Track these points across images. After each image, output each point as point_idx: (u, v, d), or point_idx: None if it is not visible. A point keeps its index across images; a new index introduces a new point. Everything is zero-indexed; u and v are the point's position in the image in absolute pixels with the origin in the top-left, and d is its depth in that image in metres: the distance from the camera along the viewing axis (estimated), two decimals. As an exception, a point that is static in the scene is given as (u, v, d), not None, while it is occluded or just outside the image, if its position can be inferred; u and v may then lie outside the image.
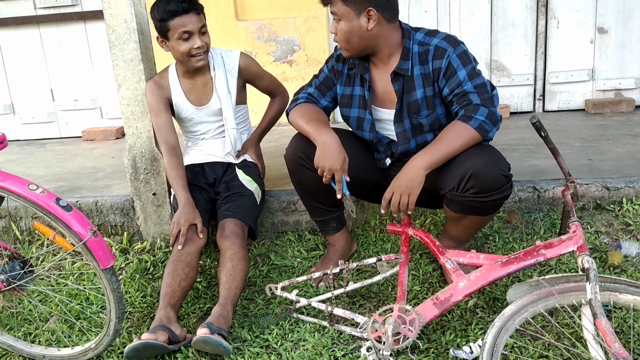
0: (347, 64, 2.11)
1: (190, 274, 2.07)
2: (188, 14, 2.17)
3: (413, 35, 2.01)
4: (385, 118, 2.07)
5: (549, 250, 1.79)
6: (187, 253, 2.09)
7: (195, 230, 2.15)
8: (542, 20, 3.85)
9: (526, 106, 4.04)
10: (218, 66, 2.35)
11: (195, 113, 2.38)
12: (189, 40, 2.19)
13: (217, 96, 2.36)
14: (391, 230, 2.25)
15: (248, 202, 2.30)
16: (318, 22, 4.00)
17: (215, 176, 2.41)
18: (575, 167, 2.60)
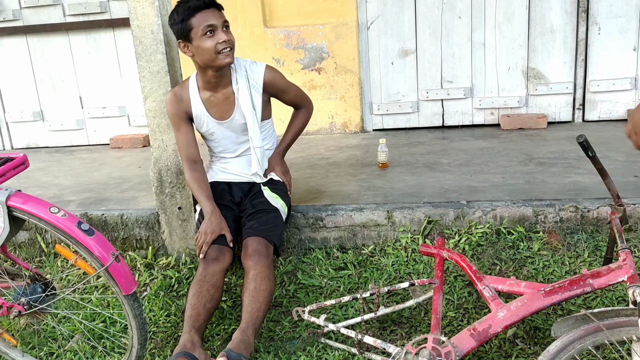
0: None
1: (215, 295, 2.00)
2: (209, 9, 2.09)
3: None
4: None
5: (597, 280, 1.66)
6: (212, 273, 2.03)
7: (220, 249, 2.08)
8: (583, 27, 3.69)
9: (565, 116, 3.88)
10: (242, 80, 2.23)
11: (216, 127, 2.30)
12: (214, 35, 2.08)
13: (240, 111, 2.26)
14: (424, 252, 2.14)
15: (273, 219, 2.23)
16: (347, 29, 3.91)
17: (242, 194, 2.35)
18: (621, 184, 2.45)
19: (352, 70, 3.98)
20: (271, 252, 2.13)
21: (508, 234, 2.35)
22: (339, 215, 2.49)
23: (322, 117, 4.08)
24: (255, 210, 2.24)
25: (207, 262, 2.05)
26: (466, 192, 2.58)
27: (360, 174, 3.02)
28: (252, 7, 3.89)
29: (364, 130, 4.15)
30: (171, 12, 2.15)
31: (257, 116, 2.28)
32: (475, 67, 3.91)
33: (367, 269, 2.34)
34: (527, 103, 3.91)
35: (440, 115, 4.07)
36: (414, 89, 4.04)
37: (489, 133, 3.83)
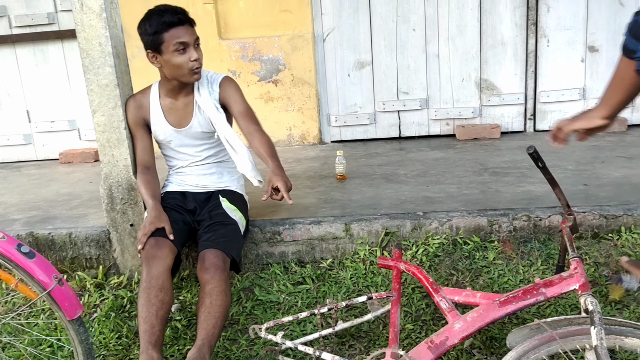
0: None
1: (165, 299, 1.92)
2: (183, 25, 2.08)
3: None
4: None
5: (549, 289, 1.68)
6: (157, 275, 1.95)
7: (158, 242, 2.01)
8: (532, 39, 3.79)
9: (517, 126, 3.97)
10: (203, 87, 2.25)
11: (174, 135, 2.26)
12: (185, 52, 2.08)
13: (198, 119, 2.24)
14: (382, 264, 2.13)
15: (231, 232, 2.18)
16: (304, 41, 3.90)
17: (196, 204, 2.29)
18: (571, 193, 2.51)
19: (309, 82, 3.98)
20: (228, 266, 2.07)
21: (464, 244, 2.37)
22: (297, 228, 2.46)
23: (280, 129, 4.06)
24: (212, 222, 2.18)
25: (149, 263, 1.96)
26: (423, 203, 2.59)
27: (318, 186, 3.00)
28: (207, 18, 3.84)
29: (322, 141, 4.14)
30: (142, 21, 2.11)
31: (224, 119, 2.24)
32: (430, 79, 3.97)
33: (325, 282, 2.31)
34: (481, 113, 3.99)
35: (397, 127, 4.10)
36: (371, 101, 4.06)
37: (444, 143, 3.88)
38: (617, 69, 1.51)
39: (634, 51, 1.41)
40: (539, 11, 3.74)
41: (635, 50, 1.40)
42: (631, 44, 1.41)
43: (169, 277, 1.99)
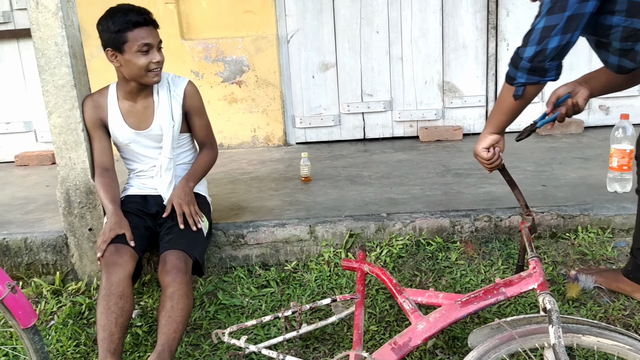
0: None
1: (125, 306, 1.88)
2: (148, 26, 2.05)
3: None
4: None
5: (509, 289, 1.71)
6: (117, 282, 1.89)
7: (118, 249, 1.96)
8: (493, 43, 3.86)
9: (479, 127, 4.04)
10: (163, 91, 2.21)
11: (133, 137, 2.21)
12: (148, 54, 2.05)
13: (157, 122, 2.20)
14: (346, 266, 2.13)
15: (194, 233, 2.14)
16: (268, 42, 3.89)
17: (158, 208, 2.25)
18: (531, 194, 2.57)
19: (273, 83, 3.96)
20: (190, 268, 2.03)
21: (427, 245, 2.39)
22: (261, 231, 2.44)
23: (244, 130, 4.02)
24: (174, 224, 2.14)
25: (109, 270, 1.91)
26: (387, 205, 2.61)
27: (283, 189, 2.99)
28: (169, 18, 3.78)
29: (287, 143, 4.13)
30: (104, 18, 2.06)
31: (175, 127, 2.22)
32: (394, 81, 4.00)
33: (290, 285, 2.30)
34: (444, 115, 4.04)
35: (362, 128, 4.12)
36: (336, 103, 4.07)
37: (408, 145, 3.92)
38: (501, 92, 1.68)
39: (514, 78, 1.58)
40: (498, 15, 3.81)
41: (515, 77, 1.57)
42: (511, 72, 1.58)
43: (130, 284, 1.94)
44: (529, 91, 1.60)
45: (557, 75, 1.56)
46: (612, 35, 1.44)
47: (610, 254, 2.24)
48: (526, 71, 1.53)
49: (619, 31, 1.42)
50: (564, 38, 1.46)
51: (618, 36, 1.44)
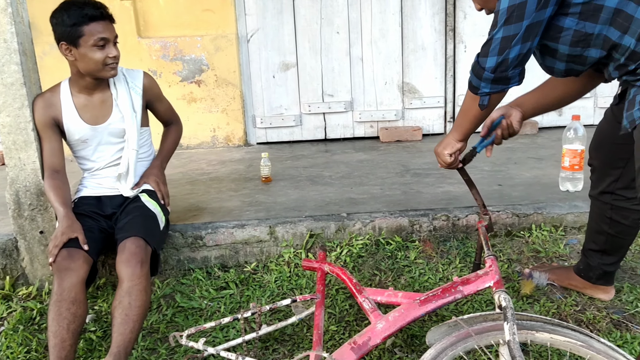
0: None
1: (78, 312, 1.81)
2: (105, 20, 2.03)
3: None
4: None
5: (466, 287, 1.74)
6: (69, 288, 1.83)
7: (71, 253, 1.90)
8: (451, 45, 3.93)
9: (438, 128, 4.09)
10: (120, 83, 2.19)
11: (90, 133, 2.16)
12: (105, 48, 2.03)
13: (118, 115, 2.17)
14: (307, 267, 2.13)
15: (152, 221, 2.10)
16: (227, 41, 3.85)
17: (114, 210, 2.19)
18: (487, 193, 2.62)
19: (233, 83, 3.92)
20: (149, 259, 1.98)
21: (387, 244, 2.41)
22: (220, 232, 2.41)
23: (203, 130, 3.97)
24: (131, 215, 2.10)
25: (61, 275, 1.85)
26: (347, 205, 2.62)
27: (243, 189, 2.96)
28: (125, 15, 3.70)
29: (247, 143, 4.10)
30: (59, 11, 2.01)
31: (137, 118, 2.20)
32: (355, 82, 4.02)
33: (249, 287, 2.28)
34: (404, 116, 4.09)
35: (323, 129, 4.12)
36: (297, 103, 4.06)
37: (369, 145, 3.94)
38: (465, 100, 1.68)
39: (478, 88, 1.56)
40: (456, 18, 3.88)
41: (479, 87, 1.56)
42: (475, 82, 1.56)
43: (83, 289, 1.88)
44: (494, 99, 1.60)
45: (520, 80, 1.56)
46: (562, 38, 1.45)
47: (562, 251, 2.31)
48: (490, 81, 1.52)
49: (570, 34, 1.44)
50: (525, 46, 1.44)
51: (568, 40, 1.45)
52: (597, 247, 1.90)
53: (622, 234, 1.82)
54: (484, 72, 1.51)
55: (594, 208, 1.88)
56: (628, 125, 1.42)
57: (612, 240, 1.85)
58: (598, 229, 1.87)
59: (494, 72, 1.49)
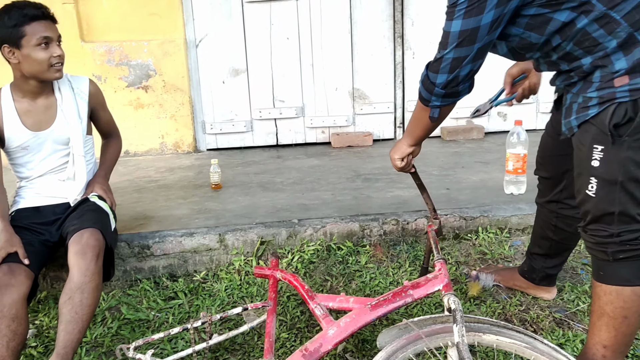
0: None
1: (19, 329, 1.73)
2: (46, 20, 1.99)
3: None
4: None
5: (416, 291, 1.76)
6: (10, 304, 1.74)
7: (12, 268, 1.81)
8: (399, 51, 3.99)
9: (388, 133, 4.14)
10: (65, 88, 2.14)
11: (32, 140, 2.08)
12: (48, 48, 1.98)
13: (62, 121, 2.10)
14: (258, 274, 2.10)
15: (106, 219, 2.05)
16: (175, 46, 3.78)
17: (57, 216, 2.10)
18: (436, 196, 2.66)
19: (182, 88, 3.86)
20: (102, 254, 1.91)
21: (338, 250, 2.41)
22: (168, 241, 2.35)
23: (151, 137, 3.88)
24: (83, 211, 2.04)
25: (1, 291, 1.76)
26: (298, 211, 2.61)
27: (192, 197, 2.91)
28: (67, 19, 3.58)
29: (197, 150, 4.03)
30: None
31: (83, 125, 2.16)
32: (306, 87, 4.02)
33: (199, 296, 2.23)
34: (355, 122, 4.12)
35: (275, 134, 4.10)
36: (247, 108, 4.03)
37: (320, 151, 3.95)
38: (416, 109, 1.68)
39: (428, 101, 1.56)
40: (404, 25, 3.94)
41: (429, 100, 1.55)
42: (425, 95, 1.56)
43: (24, 305, 1.80)
44: (444, 111, 1.60)
45: (470, 90, 1.57)
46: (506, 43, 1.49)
47: (507, 252, 2.37)
48: (441, 96, 1.52)
49: (516, 41, 1.47)
50: (475, 64, 1.45)
51: (513, 44, 1.49)
52: (541, 251, 1.96)
53: (566, 240, 1.88)
54: (434, 88, 1.51)
55: (540, 215, 1.93)
56: (567, 132, 1.47)
57: (556, 245, 1.91)
58: (543, 235, 1.92)
59: (445, 89, 1.49)
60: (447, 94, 1.52)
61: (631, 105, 1.31)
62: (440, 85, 1.49)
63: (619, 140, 1.35)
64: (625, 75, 1.31)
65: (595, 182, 1.42)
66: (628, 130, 1.33)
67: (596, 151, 1.39)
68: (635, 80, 1.30)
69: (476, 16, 1.34)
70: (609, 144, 1.36)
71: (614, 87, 1.32)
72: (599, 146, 1.38)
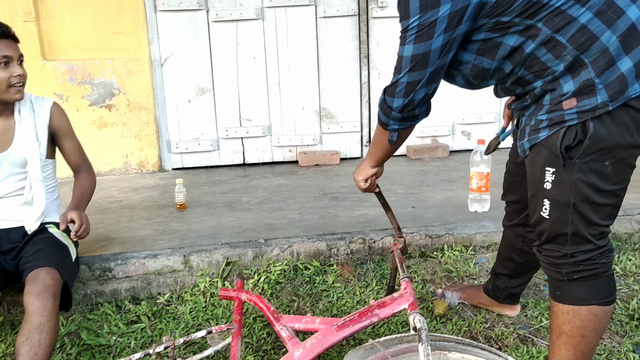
0: None
1: None
2: (7, 39, 1.94)
3: None
4: None
5: (383, 310, 1.75)
6: None
7: None
8: (365, 71, 4.04)
9: (355, 152, 4.17)
10: (25, 110, 2.07)
11: None
12: (9, 67, 1.93)
13: (19, 143, 2.03)
14: (223, 296, 2.06)
15: (64, 253, 1.98)
16: (140, 65, 3.74)
17: (13, 244, 2.03)
18: (402, 215, 2.68)
19: (146, 107, 3.81)
20: (59, 293, 1.85)
21: (305, 269, 2.39)
22: (131, 263, 2.30)
23: (115, 156, 3.81)
24: (40, 247, 1.95)
25: None
26: (265, 230, 2.59)
27: (156, 217, 2.86)
28: (28, 37, 3.51)
29: (162, 169, 3.97)
30: None
31: (42, 148, 2.08)
32: (272, 106, 4.03)
33: (162, 319, 2.18)
34: (322, 141, 4.13)
35: (241, 153, 4.08)
36: (214, 127, 4.00)
37: (288, 170, 3.94)
38: (376, 132, 1.70)
39: (387, 124, 1.59)
40: (369, 45, 4.00)
41: (387, 124, 1.58)
42: (384, 119, 1.58)
43: None
44: (403, 134, 1.62)
45: (427, 114, 1.59)
46: (461, 70, 1.52)
47: (472, 270, 2.40)
48: (398, 120, 1.54)
49: (468, 68, 1.50)
50: (430, 88, 1.47)
51: (467, 72, 1.52)
52: (506, 272, 1.98)
53: (530, 262, 1.90)
54: (391, 112, 1.53)
55: (505, 237, 1.95)
56: (521, 154, 1.50)
57: (521, 267, 1.93)
58: (508, 257, 1.94)
59: (402, 112, 1.52)
60: (404, 117, 1.55)
61: (580, 128, 1.33)
62: (397, 109, 1.52)
63: (569, 162, 1.37)
64: (573, 98, 1.33)
65: (549, 203, 1.44)
66: (578, 152, 1.35)
67: (548, 173, 1.41)
68: (582, 103, 1.32)
69: (426, 41, 1.37)
70: (560, 166, 1.38)
71: (562, 110, 1.35)
72: (551, 168, 1.40)
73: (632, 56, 1.29)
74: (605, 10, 1.28)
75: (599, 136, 1.32)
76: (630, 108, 1.31)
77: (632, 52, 1.29)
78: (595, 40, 1.29)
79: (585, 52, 1.31)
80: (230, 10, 3.82)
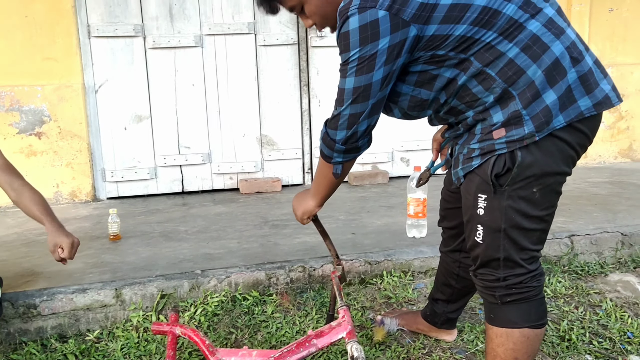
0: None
1: None
2: None
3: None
4: None
5: (320, 340, 1.73)
6: None
7: None
8: (306, 99, 4.07)
9: (297, 179, 4.17)
10: None
11: None
12: None
13: None
14: (156, 331, 1.98)
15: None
16: (72, 92, 3.63)
17: None
18: (341, 242, 2.68)
19: (79, 135, 3.68)
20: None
21: (243, 300, 2.34)
22: (58, 299, 2.18)
23: (45, 186, 3.64)
24: None
25: None
26: (202, 261, 2.52)
27: (87, 249, 2.73)
28: (-49, 61, 3.34)
29: (96, 199, 3.83)
30: None
31: None
32: (212, 133, 3.98)
33: (91, 358, 2.06)
34: (263, 168, 4.11)
35: (180, 181, 4.00)
36: (151, 155, 3.90)
37: (228, 197, 3.88)
38: (319, 167, 1.73)
39: (330, 157, 1.61)
40: (309, 74, 4.04)
41: (331, 157, 1.60)
42: (327, 152, 1.60)
43: None
44: (346, 167, 1.65)
45: (369, 145, 1.61)
46: (400, 102, 1.55)
47: (411, 295, 2.41)
48: (342, 152, 1.56)
49: (407, 99, 1.53)
50: (372, 119, 1.50)
51: (405, 104, 1.55)
52: (443, 297, 2.00)
53: (467, 287, 1.93)
54: (335, 144, 1.55)
55: (442, 263, 1.98)
56: (456, 181, 1.53)
57: (457, 292, 1.96)
58: (445, 282, 1.97)
59: (345, 144, 1.54)
60: (348, 149, 1.56)
61: (509, 156, 1.39)
62: (340, 142, 1.54)
63: (499, 189, 1.42)
64: (502, 128, 1.39)
65: (482, 229, 1.48)
66: (507, 180, 1.40)
67: (480, 200, 1.46)
68: (511, 133, 1.38)
69: (367, 73, 1.40)
70: (491, 193, 1.43)
71: (492, 139, 1.40)
72: (483, 195, 1.45)
73: (557, 89, 1.35)
74: (531, 45, 1.35)
75: (527, 164, 1.38)
76: (556, 138, 1.38)
77: (556, 86, 1.35)
78: (522, 74, 1.35)
79: (513, 85, 1.36)
80: (168, 37, 3.78)
